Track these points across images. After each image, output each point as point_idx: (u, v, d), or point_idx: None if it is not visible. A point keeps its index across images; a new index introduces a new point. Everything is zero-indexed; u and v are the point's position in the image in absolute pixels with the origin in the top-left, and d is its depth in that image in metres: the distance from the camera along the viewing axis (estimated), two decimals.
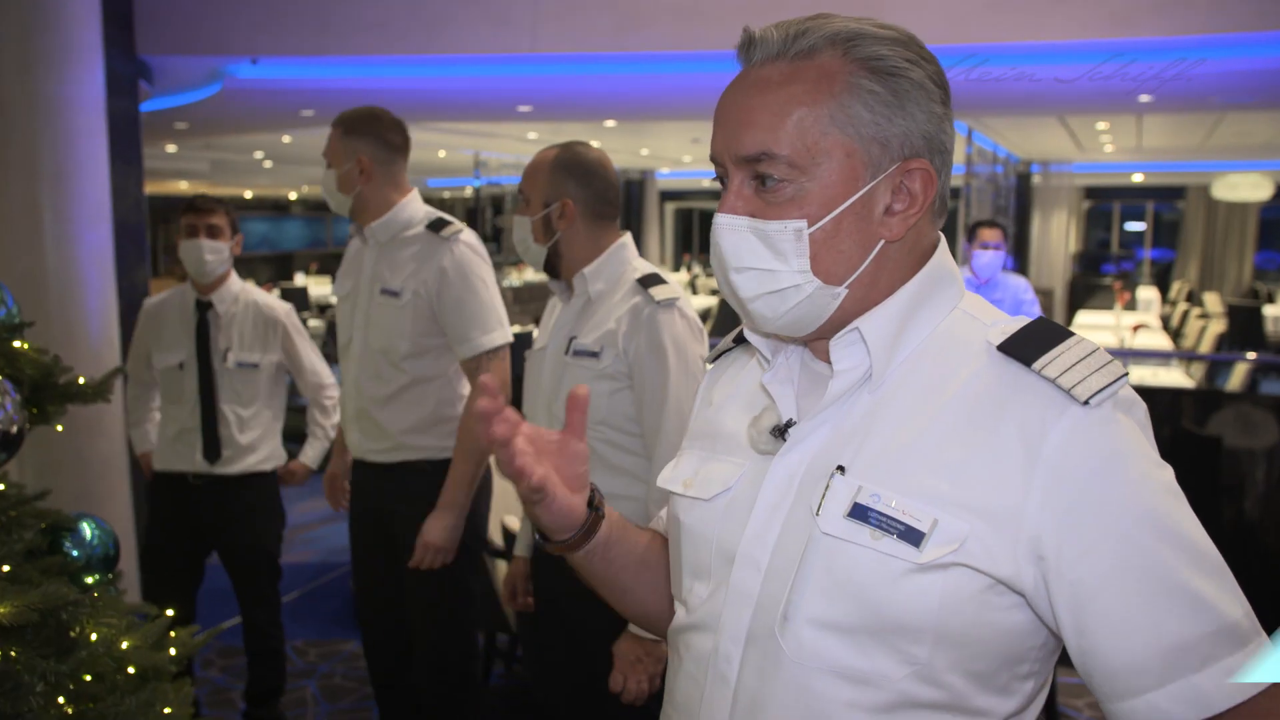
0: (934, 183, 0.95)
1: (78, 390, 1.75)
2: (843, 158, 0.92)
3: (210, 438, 2.99)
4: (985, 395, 0.90)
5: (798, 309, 0.94)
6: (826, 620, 0.90)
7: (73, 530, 1.68)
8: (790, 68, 0.93)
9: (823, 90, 0.91)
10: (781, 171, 0.92)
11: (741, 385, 1.09)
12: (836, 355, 0.96)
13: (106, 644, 1.42)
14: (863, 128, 0.92)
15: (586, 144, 2.15)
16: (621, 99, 6.97)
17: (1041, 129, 9.94)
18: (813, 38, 0.93)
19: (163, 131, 8.63)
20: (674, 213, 19.59)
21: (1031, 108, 7.69)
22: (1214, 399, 4.59)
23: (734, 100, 0.96)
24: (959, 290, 0.99)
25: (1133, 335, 7.48)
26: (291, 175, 16.48)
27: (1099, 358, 0.88)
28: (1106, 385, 0.86)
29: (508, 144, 11.62)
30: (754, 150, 0.92)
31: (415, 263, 2.51)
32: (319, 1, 5.09)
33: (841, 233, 0.93)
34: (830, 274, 0.93)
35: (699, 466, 1.06)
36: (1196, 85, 6.04)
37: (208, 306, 3.03)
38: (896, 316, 0.95)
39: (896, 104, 0.92)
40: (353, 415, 2.62)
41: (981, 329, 0.95)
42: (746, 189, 0.94)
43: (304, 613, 4.26)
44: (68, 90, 3.78)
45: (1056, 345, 0.89)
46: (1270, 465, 3.98)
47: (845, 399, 0.96)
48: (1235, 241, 15.14)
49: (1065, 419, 0.86)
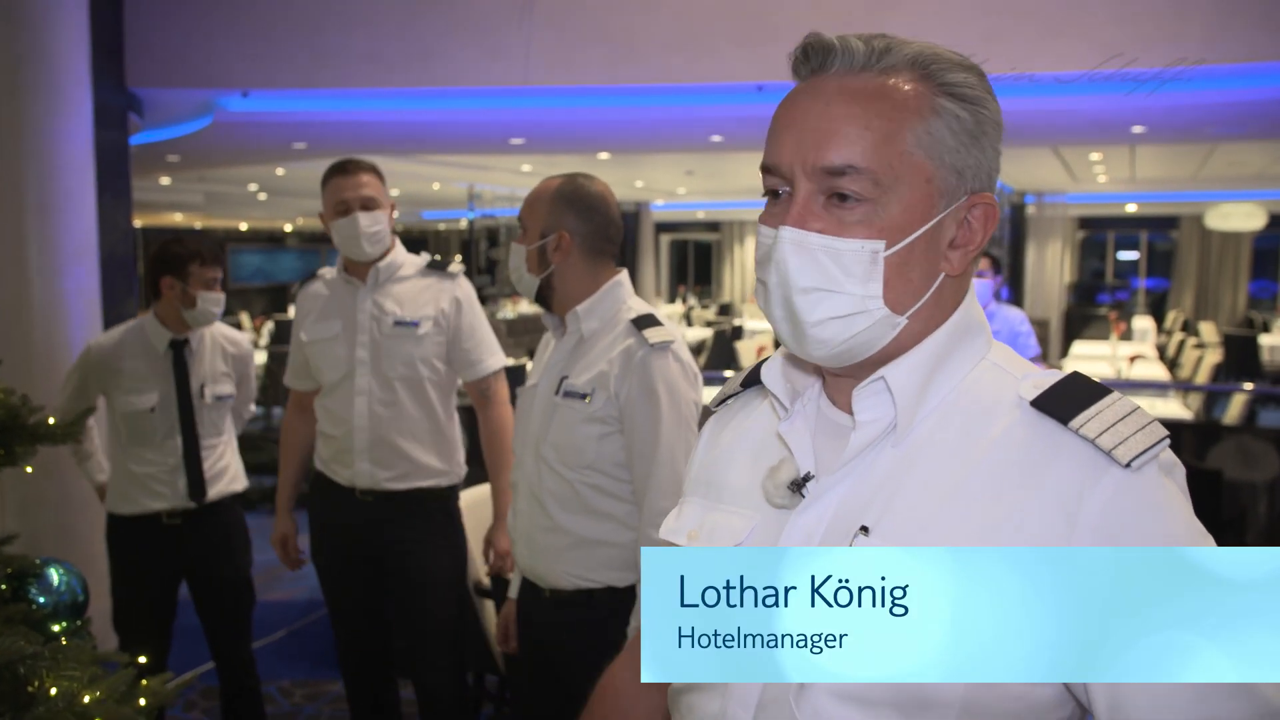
0: (995, 221, 0.91)
1: (47, 431, 1.70)
2: (923, 182, 0.87)
3: (195, 476, 2.93)
4: (1019, 455, 0.85)
5: (858, 337, 0.88)
6: (849, 692, 0.84)
7: (39, 576, 1.61)
8: (877, 82, 0.88)
9: (912, 109, 0.87)
10: (864, 188, 0.86)
11: (749, 432, 1.04)
12: (860, 405, 0.91)
13: (68, 698, 1.36)
14: (945, 153, 0.88)
15: (591, 178, 2.10)
16: (615, 131, 6.97)
17: (1035, 160, 9.98)
18: (897, 56, 0.88)
19: (155, 164, 8.63)
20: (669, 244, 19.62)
21: (1025, 139, 7.71)
22: (1214, 431, 4.55)
23: (812, 108, 0.88)
24: (987, 340, 0.95)
25: (1130, 366, 7.45)
26: (286, 207, 16.49)
27: (1140, 417, 0.85)
28: (1149, 447, 0.82)
29: (502, 176, 11.64)
30: (839, 162, 0.86)
31: (428, 296, 2.70)
32: (310, 34, 5.09)
33: (913, 260, 0.88)
34: (897, 302, 0.88)
35: (703, 517, 1.01)
36: (1189, 116, 6.06)
37: (182, 344, 2.96)
38: (924, 366, 0.90)
39: (976, 134, 0.89)
40: (365, 446, 2.66)
41: (1013, 382, 0.90)
42: (816, 203, 0.88)
43: (289, 652, 4.17)
44: (55, 122, 3.75)
45: (1095, 403, 0.85)
46: (1271, 498, 3.94)
47: (868, 453, 0.91)
48: (1230, 271, 15.19)
49: (1106, 482, 0.82)
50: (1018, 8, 4.57)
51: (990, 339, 0.96)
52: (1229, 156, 9.34)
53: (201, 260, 2.92)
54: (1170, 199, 14.16)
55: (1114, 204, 14.86)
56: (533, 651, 2.14)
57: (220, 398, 3.02)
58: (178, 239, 2.99)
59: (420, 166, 10.04)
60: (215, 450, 3.01)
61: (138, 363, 2.92)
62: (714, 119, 6.14)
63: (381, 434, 2.66)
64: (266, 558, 5.24)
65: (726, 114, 5.85)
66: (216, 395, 3.00)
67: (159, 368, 2.93)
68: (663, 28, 4.90)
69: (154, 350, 2.94)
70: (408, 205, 16.47)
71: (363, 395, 2.67)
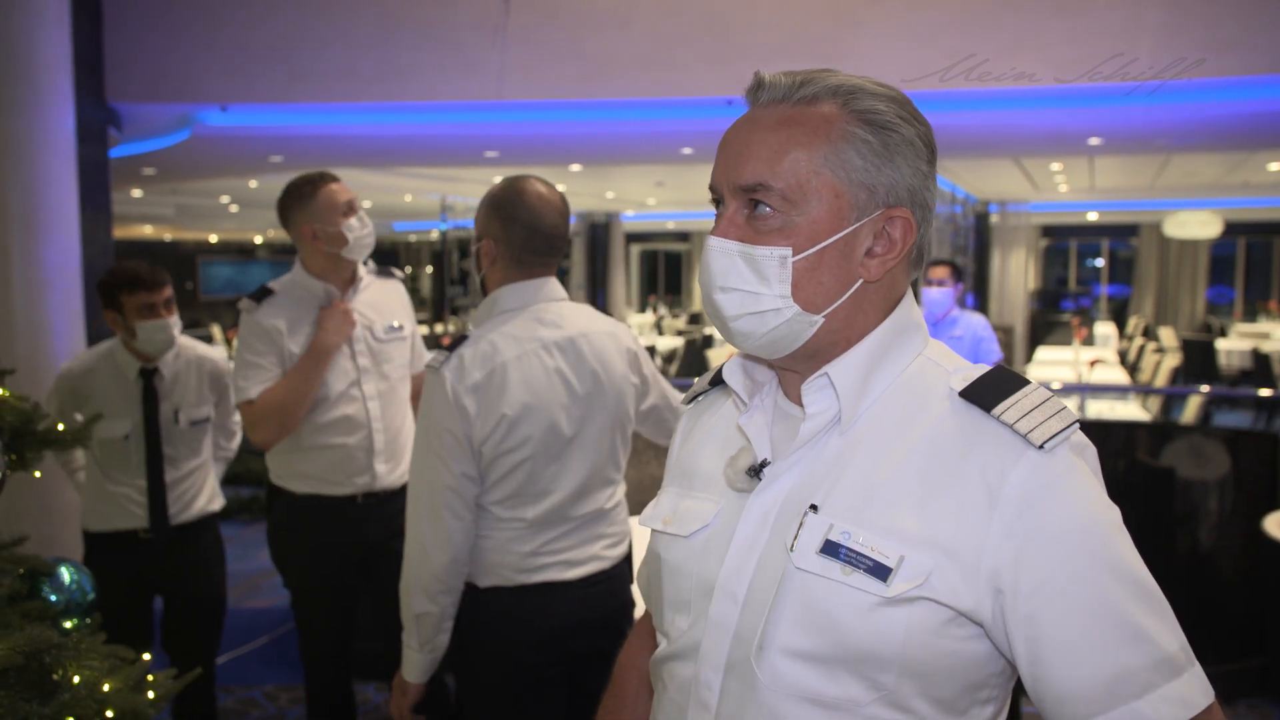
0: (913, 232, 1.01)
1: (56, 437, 1.77)
2: (831, 198, 0.98)
3: (158, 508, 2.87)
4: (949, 439, 0.95)
5: (775, 331, 0.99)
6: (800, 650, 0.95)
7: (51, 575, 1.69)
8: (793, 111, 0.99)
9: (819, 134, 0.98)
10: (774, 202, 0.97)
11: (716, 426, 1.14)
12: (808, 399, 1.01)
13: (89, 687, 1.44)
14: (853, 173, 0.98)
15: (533, 181, 2.01)
16: (587, 144, 7.08)
17: (997, 170, 10.19)
18: (816, 87, 1.00)
19: (130, 177, 8.63)
20: (639, 254, 19.75)
21: (987, 151, 7.89)
22: (1167, 431, 4.71)
23: (737, 135, 1.02)
24: (924, 338, 1.05)
25: (1090, 370, 7.65)
26: (257, 219, 16.43)
27: (1053, 405, 0.95)
28: (1060, 430, 0.92)
29: (473, 188, 11.71)
30: (750, 181, 0.98)
31: (393, 301, 2.86)
32: (289, 49, 5.16)
33: (824, 265, 0.98)
34: (809, 302, 0.99)
35: (676, 504, 1.11)
36: (1142, 129, 6.26)
37: (152, 373, 2.89)
38: (864, 362, 1.01)
39: (886, 155, 0.99)
40: (383, 447, 2.75)
41: (944, 375, 1.01)
42: (740, 216, 1.00)
43: (274, 657, 4.23)
44: (38, 136, 3.80)
45: (1014, 393, 0.95)
46: (1222, 495, 4.09)
47: (817, 440, 1.01)
48: (1188, 277, 15.54)
49: (1023, 463, 0.92)
50: (979, 26, 4.73)
51: (927, 337, 1.06)
52: (1184, 167, 9.59)
53: (130, 287, 2.78)
54: (1130, 207, 14.45)
55: (1076, 212, 15.13)
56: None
57: (196, 422, 2.95)
58: (111, 269, 2.87)
59: (392, 178, 10.08)
60: (192, 475, 2.97)
61: (110, 390, 2.86)
62: (684, 132, 6.26)
63: (393, 434, 2.77)
64: (248, 566, 5.30)
65: (696, 128, 5.98)
66: (192, 420, 2.94)
67: (131, 395, 2.87)
68: (634, 44, 5.02)
69: (125, 378, 2.88)
70: (379, 216, 16.47)
71: (374, 400, 2.74)
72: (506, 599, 1.99)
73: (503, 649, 2.00)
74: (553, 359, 1.98)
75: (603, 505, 2.07)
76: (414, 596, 1.95)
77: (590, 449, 2.02)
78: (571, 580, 2.02)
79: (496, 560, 1.99)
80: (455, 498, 1.91)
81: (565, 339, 2.00)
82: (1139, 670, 0.89)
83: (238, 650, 4.25)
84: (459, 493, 1.92)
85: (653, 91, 5.06)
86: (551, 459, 1.98)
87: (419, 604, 1.94)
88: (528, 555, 1.98)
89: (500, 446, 1.93)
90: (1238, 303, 16.25)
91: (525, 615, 1.99)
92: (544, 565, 2.00)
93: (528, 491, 1.97)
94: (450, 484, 1.91)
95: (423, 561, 1.93)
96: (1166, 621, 0.91)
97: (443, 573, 1.92)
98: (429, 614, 1.95)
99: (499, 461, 1.94)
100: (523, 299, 2.00)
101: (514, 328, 1.97)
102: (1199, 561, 4.11)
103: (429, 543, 1.92)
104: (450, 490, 1.91)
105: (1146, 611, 0.90)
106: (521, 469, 1.95)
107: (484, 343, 1.94)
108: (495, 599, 1.99)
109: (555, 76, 5.09)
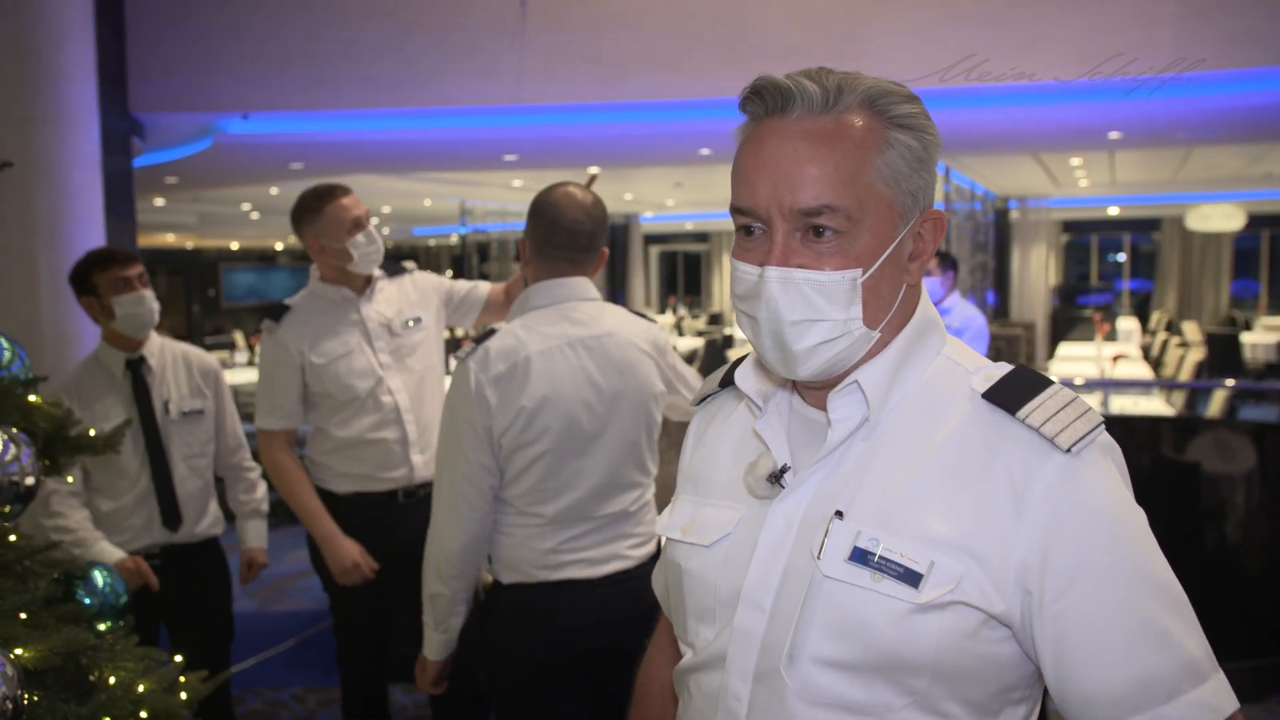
0: (943, 230, 1.01)
1: (89, 442, 1.80)
2: (885, 209, 0.95)
3: (167, 501, 2.79)
4: (974, 442, 0.94)
5: (840, 355, 0.96)
6: (831, 659, 0.94)
7: (85, 578, 1.72)
8: (836, 123, 0.94)
9: (870, 146, 0.94)
10: (839, 223, 0.93)
11: (730, 430, 1.12)
12: (835, 405, 0.99)
13: (124, 687, 1.46)
14: (900, 180, 0.96)
15: (564, 184, 2.10)
16: (605, 146, 7.10)
17: (1017, 166, 10.14)
18: (851, 96, 0.95)
19: (153, 186, 8.72)
20: (658, 255, 19.75)
21: (1006, 146, 7.86)
22: (1192, 425, 4.67)
23: (783, 153, 0.94)
24: (942, 335, 1.04)
25: (1113, 365, 7.60)
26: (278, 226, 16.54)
27: (1078, 406, 0.94)
28: (1087, 433, 0.92)
29: (493, 191, 11.75)
30: (814, 204, 0.93)
31: (412, 294, 2.91)
32: (309, 57, 5.21)
33: (883, 279, 0.96)
34: (873, 319, 0.97)
35: (694, 512, 1.09)
36: (1162, 122, 6.22)
37: (139, 362, 2.80)
38: (891, 367, 0.99)
39: (924, 158, 0.98)
40: (416, 438, 2.80)
41: (965, 375, 1.00)
42: (793, 240, 0.95)
43: (300, 660, 4.27)
44: (64, 148, 3.85)
45: (1038, 394, 0.94)
46: (1249, 490, 4.06)
47: (839, 446, 1.00)
48: (1211, 271, 15.38)
49: (1050, 466, 0.91)
50: (995, 20, 4.71)
51: (945, 335, 1.05)
52: (1205, 159, 9.51)
53: (103, 265, 2.73)
54: (1151, 201, 14.31)
55: (1096, 207, 15.01)
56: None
57: (188, 413, 2.86)
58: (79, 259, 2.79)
59: (411, 183, 10.14)
60: (197, 471, 2.86)
61: (99, 391, 2.77)
62: (702, 133, 6.27)
63: (425, 422, 2.81)
64: (275, 570, 5.34)
65: (714, 128, 5.98)
66: (184, 410, 2.85)
67: (122, 391, 2.78)
68: (650, 46, 5.04)
69: (112, 375, 2.79)
70: (398, 222, 16.56)
71: (401, 392, 2.79)
72: (528, 595, 2.02)
73: (524, 645, 2.03)
74: (577, 356, 2.01)
75: (626, 507, 2.08)
76: (429, 577, 2.03)
77: (612, 448, 2.04)
78: (594, 579, 2.04)
79: (518, 556, 2.02)
80: (471, 487, 1.97)
81: (591, 337, 2.04)
82: (1166, 674, 0.88)
83: (265, 653, 4.29)
84: (475, 482, 1.98)
85: (670, 93, 5.08)
86: (571, 455, 2.00)
87: (432, 585, 2.03)
88: (548, 552, 2.01)
89: (519, 439, 1.97)
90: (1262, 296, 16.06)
91: (547, 612, 2.02)
92: (565, 563, 2.02)
93: (546, 487, 1.99)
94: (467, 473, 1.97)
95: (439, 545, 2.01)
96: (1192, 627, 0.91)
97: (455, 557, 1.99)
98: (441, 595, 2.03)
99: (518, 454, 1.98)
100: (553, 296, 2.05)
101: (542, 324, 2.02)
102: (1226, 557, 4.08)
103: (444, 527, 2.00)
104: (466, 480, 1.97)
105: (1173, 616, 0.90)
106: (540, 463, 1.98)
107: (510, 336, 1.99)
108: (517, 595, 2.03)
109: (572, 79, 5.12)
